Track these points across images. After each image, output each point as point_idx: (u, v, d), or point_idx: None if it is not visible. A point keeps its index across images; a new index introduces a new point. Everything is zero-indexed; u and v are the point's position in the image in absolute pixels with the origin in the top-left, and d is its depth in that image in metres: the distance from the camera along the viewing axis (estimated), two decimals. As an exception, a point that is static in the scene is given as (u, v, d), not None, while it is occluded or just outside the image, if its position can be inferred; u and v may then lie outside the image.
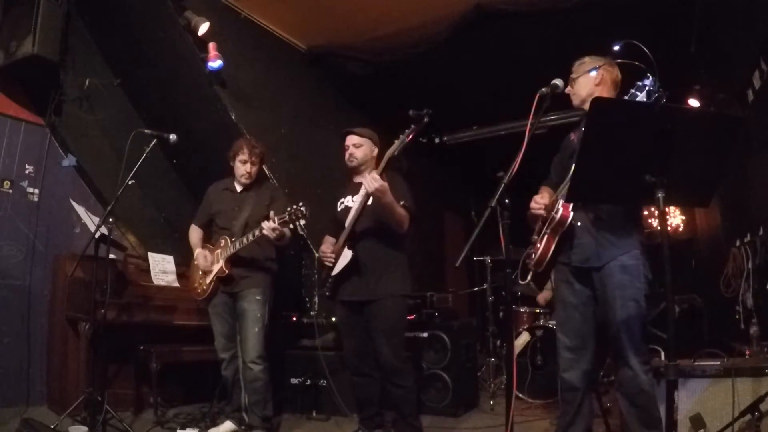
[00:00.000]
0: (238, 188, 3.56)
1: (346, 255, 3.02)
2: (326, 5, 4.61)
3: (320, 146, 5.15)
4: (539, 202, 2.47)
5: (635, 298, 2.22)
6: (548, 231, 2.39)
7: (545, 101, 2.15)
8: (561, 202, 2.34)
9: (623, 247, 2.27)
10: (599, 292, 2.32)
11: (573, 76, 2.48)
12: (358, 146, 3.24)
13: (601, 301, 2.33)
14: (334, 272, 3.10)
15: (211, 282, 3.37)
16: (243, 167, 3.48)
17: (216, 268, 3.34)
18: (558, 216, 2.33)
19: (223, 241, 3.40)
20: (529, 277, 2.65)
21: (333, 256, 3.10)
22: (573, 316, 2.40)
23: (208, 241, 3.58)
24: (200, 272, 3.45)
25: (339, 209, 3.25)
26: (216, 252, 3.41)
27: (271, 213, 3.15)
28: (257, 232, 3.14)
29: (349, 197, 3.21)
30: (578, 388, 2.37)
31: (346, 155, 3.26)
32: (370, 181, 2.78)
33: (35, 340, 3.87)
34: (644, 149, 1.76)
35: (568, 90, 2.47)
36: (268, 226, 3.07)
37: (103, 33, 4.50)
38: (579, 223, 2.35)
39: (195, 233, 3.60)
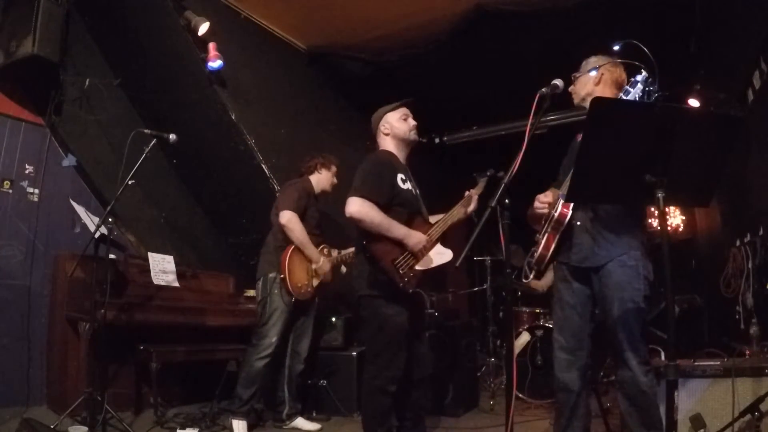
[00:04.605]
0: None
1: (446, 253, 2.76)
2: (326, 5, 4.61)
3: (320, 146, 5.14)
4: (543, 200, 2.46)
5: (634, 299, 2.21)
6: (549, 229, 2.39)
7: (545, 101, 2.14)
8: (561, 201, 2.34)
9: (622, 248, 2.26)
10: (598, 293, 2.32)
11: (576, 74, 2.48)
12: None
13: (599, 302, 2.32)
14: (432, 265, 2.72)
15: (317, 285, 3.69)
16: (332, 179, 3.91)
17: (325, 275, 3.69)
18: (557, 214, 2.34)
19: (326, 249, 3.77)
20: (531, 276, 2.63)
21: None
22: (571, 316, 2.39)
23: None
24: (308, 273, 3.64)
25: (403, 187, 2.79)
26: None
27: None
28: (351, 253, 3.59)
29: (401, 176, 2.84)
30: (573, 390, 2.36)
31: (411, 124, 2.92)
32: (475, 203, 2.86)
33: (35, 340, 3.87)
34: (644, 149, 1.76)
35: (570, 88, 2.47)
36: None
37: (103, 33, 4.50)
38: (578, 222, 2.35)
39: (302, 226, 3.58)
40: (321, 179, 3.86)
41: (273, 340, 3.48)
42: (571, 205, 2.33)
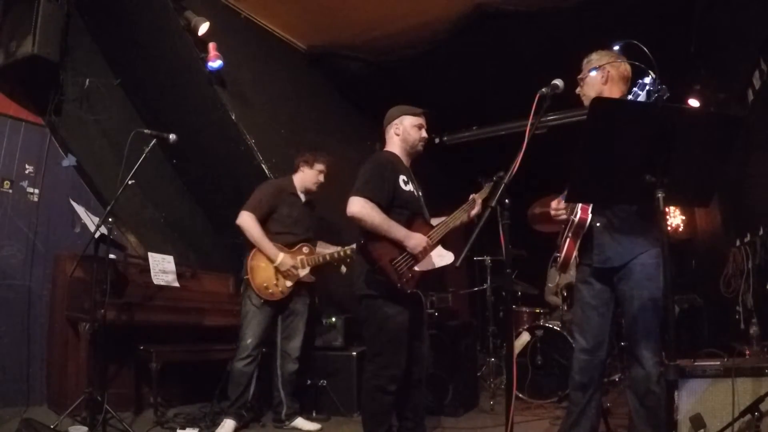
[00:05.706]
0: (302, 197, 3.77)
1: (447, 256, 2.79)
2: (326, 5, 4.61)
3: (320, 146, 5.14)
4: (557, 207, 2.47)
5: (653, 297, 2.22)
6: (570, 234, 2.39)
7: (545, 101, 2.14)
8: (580, 204, 2.34)
9: (642, 246, 2.27)
10: (618, 292, 2.33)
11: (580, 76, 2.48)
12: None
13: (620, 301, 2.33)
14: (432, 267, 2.74)
15: (291, 286, 3.60)
16: (318, 176, 3.78)
17: (303, 274, 3.61)
18: (577, 219, 2.35)
19: (306, 248, 3.68)
20: (557, 279, 2.64)
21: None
22: (591, 317, 2.40)
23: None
24: (276, 273, 3.56)
25: (405, 189, 2.80)
26: (299, 258, 3.63)
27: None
28: (347, 251, 3.50)
29: (403, 178, 2.85)
30: (587, 390, 2.37)
31: (421, 136, 2.91)
32: (479, 207, 2.86)
33: (35, 340, 3.88)
34: (644, 149, 1.76)
35: (578, 91, 2.48)
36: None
37: (103, 33, 4.50)
38: (598, 224, 2.36)
39: (258, 226, 3.56)
40: (304, 177, 3.78)
41: (248, 342, 3.49)
42: (590, 208, 2.34)
